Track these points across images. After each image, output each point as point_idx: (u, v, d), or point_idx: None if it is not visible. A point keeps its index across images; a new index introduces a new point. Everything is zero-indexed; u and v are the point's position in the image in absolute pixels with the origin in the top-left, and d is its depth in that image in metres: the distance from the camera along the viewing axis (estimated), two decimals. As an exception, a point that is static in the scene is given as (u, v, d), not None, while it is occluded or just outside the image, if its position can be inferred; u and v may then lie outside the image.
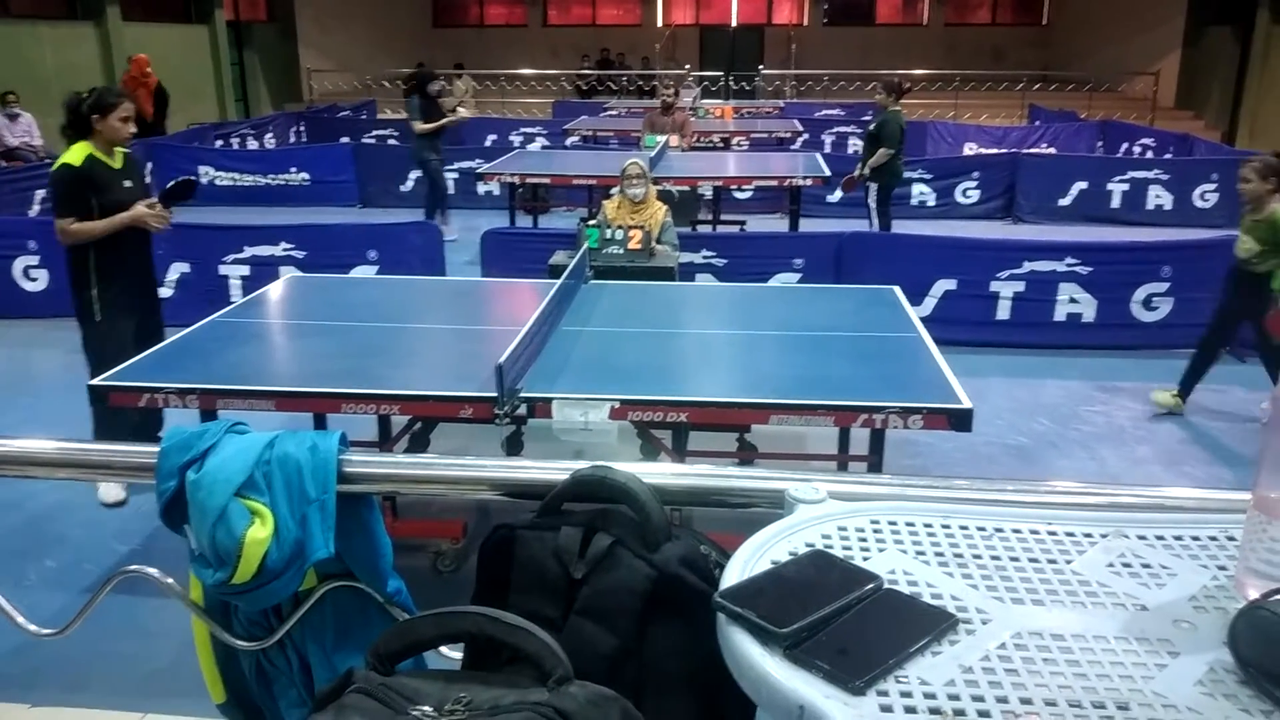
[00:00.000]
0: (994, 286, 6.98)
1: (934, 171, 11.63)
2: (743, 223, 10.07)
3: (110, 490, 4.65)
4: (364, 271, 7.29)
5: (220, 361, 3.87)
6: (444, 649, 1.14)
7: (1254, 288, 5.39)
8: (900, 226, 8.94)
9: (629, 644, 1.09)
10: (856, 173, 8.94)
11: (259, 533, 1.19)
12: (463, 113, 10.03)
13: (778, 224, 9.83)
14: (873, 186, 8.88)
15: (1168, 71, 19.24)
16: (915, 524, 1.01)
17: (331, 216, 9.73)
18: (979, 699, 0.74)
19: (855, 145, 9.45)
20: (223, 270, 7.48)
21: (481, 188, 11.64)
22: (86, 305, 4.64)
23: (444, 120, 10.08)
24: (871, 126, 9.01)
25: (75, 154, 4.56)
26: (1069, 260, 6.93)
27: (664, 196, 6.73)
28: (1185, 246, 7.24)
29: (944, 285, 7.00)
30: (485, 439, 4.47)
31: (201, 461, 1.22)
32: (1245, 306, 5.50)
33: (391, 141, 15.16)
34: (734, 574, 0.91)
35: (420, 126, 9.95)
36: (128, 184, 4.74)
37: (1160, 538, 0.99)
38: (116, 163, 4.70)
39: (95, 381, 3.65)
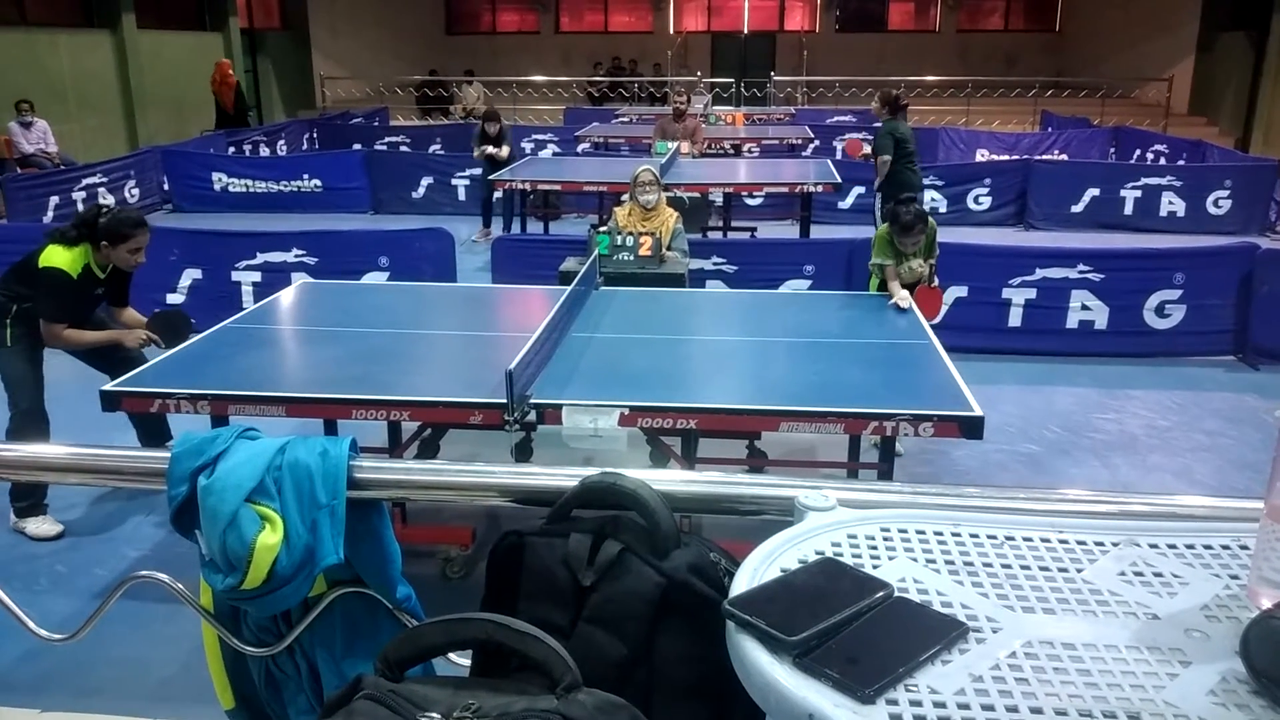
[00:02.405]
0: (1006, 293, 6.96)
1: (946, 178, 11.61)
2: (753, 229, 10.07)
3: (41, 526, 4.49)
4: (375, 278, 7.32)
5: (232, 367, 3.89)
6: (453, 655, 1.14)
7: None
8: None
9: (638, 651, 1.09)
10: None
11: (269, 538, 1.19)
12: (490, 150, 10.20)
13: (789, 230, 9.83)
14: (879, 196, 8.86)
15: (1181, 77, 19.17)
16: (925, 532, 1.01)
17: (343, 223, 9.78)
18: (989, 708, 0.74)
19: (865, 150, 9.43)
20: (235, 276, 7.51)
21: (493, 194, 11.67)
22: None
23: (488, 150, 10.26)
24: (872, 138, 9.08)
25: (73, 261, 4.38)
26: (1081, 267, 6.91)
27: (674, 203, 6.73)
28: (1198, 253, 7.21)
29: (955, 292, 6.97)
30: (495, 445, 4.48)
31: (213, 467, 1.23)
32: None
33: (404, 149, 15.22)
34: (743, 581, 0.91)
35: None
36: (100, 291, 4.61)
37: (1172, 546, 0.99)
38: (102, 273, 4.55)
39: (108, 387, 3.67)
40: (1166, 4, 19.71)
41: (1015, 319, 7.00)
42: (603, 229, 6.14)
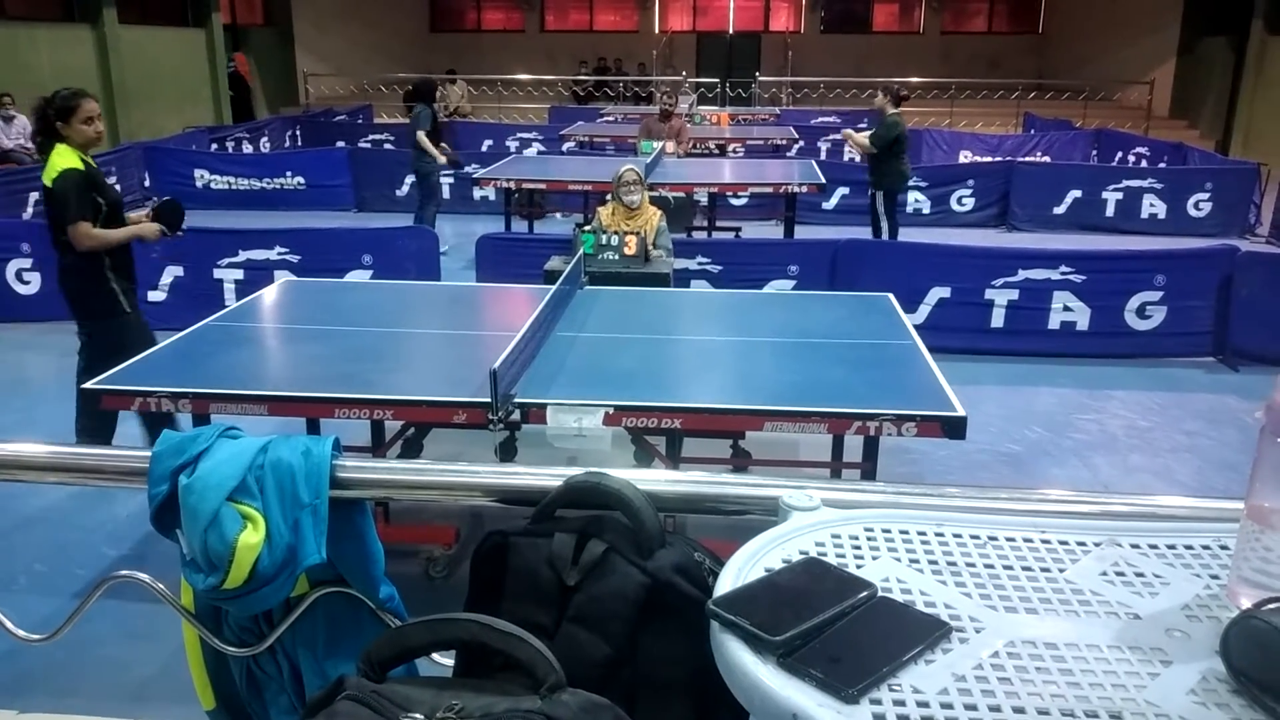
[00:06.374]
0: (988, 294, 7.00)
1: (929, 179, 11.66)
2: (738, 229, 10.08)
3: None
4: (359, 276, 7.29)
5: (214, 365, 3.86)
6: (436, 656, 1.14)
7: None
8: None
9: (622, 651, 1.09)
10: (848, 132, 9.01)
11: (251, 538, 1.18)
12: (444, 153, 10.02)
13: (773, 230, 9.85)
14: (879, 194, 8.90)
15: (1162, 81, 19.32)
16: (909, 532, 1.01)
17: (327, 221, 9.73)
18: (972, 707, 0.74)
19: (850, 153, 9.43)
20: (217, 274, 7.47)
21: (477, 193, 11.63)
22: (111, 299, 4.59)
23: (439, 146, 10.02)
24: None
25: (70, 157, 4.51)
26: (1063, 268, 6.95)
27: (659, 202, 6.73)
28: (1179, 255, 7.27)
29: (938, 293, 7.01)
30: (479, 445, 4.47)
31: (194, 466, 1.22)
32: None
33: (388, 146, 15.17)
34: (728, 581, 0.91)
35: (421, 138, 9.70)
36: (111, 181, 4.80)
37: (1153, 546, 0.99)
38: (94, 165, 4.71)
39: (89, 385, 3.64)
40: (1148, 8, 19.86)
41: (998, 320, 7.04)
42: (588, 228, 6.13)
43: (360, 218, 11.74)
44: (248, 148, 14.95)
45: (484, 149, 14.63)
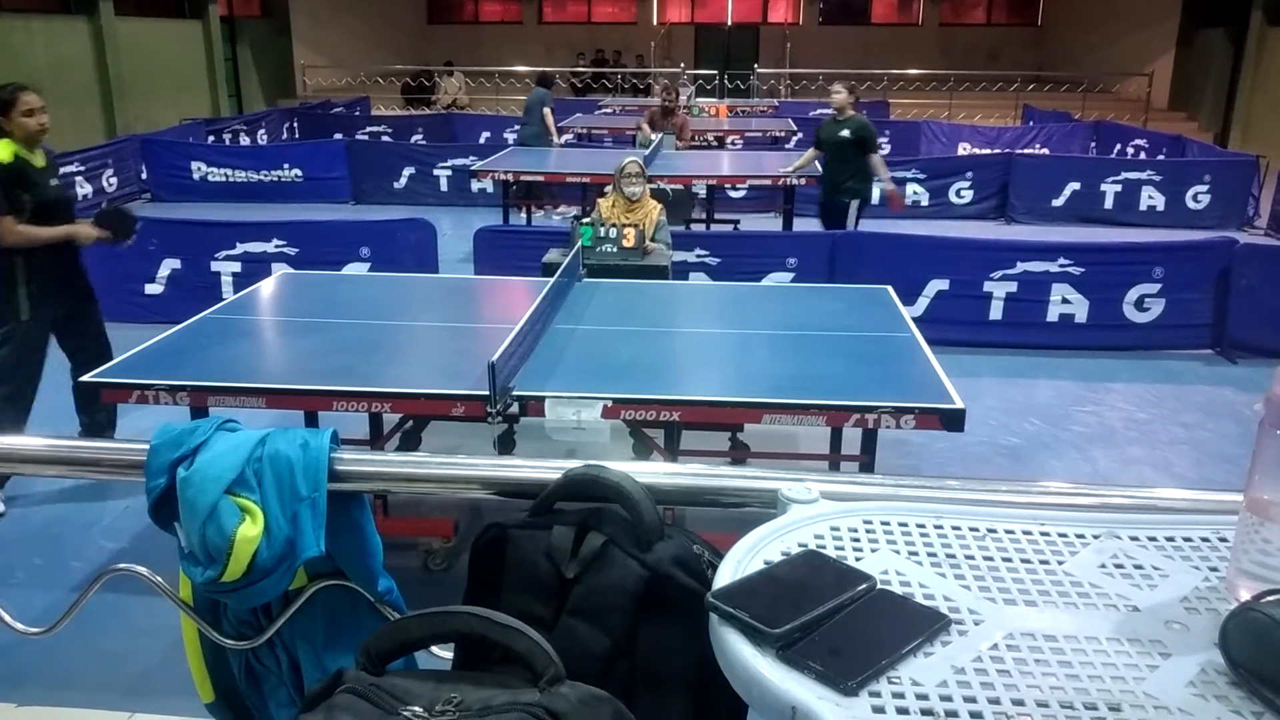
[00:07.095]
0: (987, 287, 7.00)
1: (928, 171, 11.65)
2: (736, 221, 10.08)
3: None
4: (356, 269, 7.28)
5: (211, 358, 3.86)
6: (435, 649, 1.14)
7: None
8: (893, 226, 8.92)
9: (621, 644, 1.09)
10: (890, 186, 8.26)
11: (249, 530, 1.18)
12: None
13: (771, 223, 9.83)
14: (855, 202, 8.09)
15: (1161, 73, 19.30)
16: (908, 524, 1.01)
17: (324, 213, 9.71)
18: (971, 700, 0.74)
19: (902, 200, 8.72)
20: (214, 266, 7.46)
21: (475, 185, 11.62)
22: (13, 303, 4.47)
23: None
24: (846, 133, 7.98)
25: (2, 151, 4.44)
26: (1062, 261, 6.95)
27: (658, 195, 6.73)
28: (1177, 247, 7.28)
29: (937, 285, 7.01)
30: (477, 438, 4.47)
31: (192, 459, 1.21)
32: None
33: (385, 139, 15.14)
34: (727, 574, 0.91)
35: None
36: (54, 182, 4.69)
37: (1152, 539, 0.99)
38: (39, 161, 4.60)
39: (87, 378, 3.63)
40: (1147, -1, 19.86)
41: (996, 312, 7.04)
42: (586, 220, 6.12)
43: (358, 210, 11.71)
44: (245, 140, 14.91)
45: (481, 141, 14.60)
